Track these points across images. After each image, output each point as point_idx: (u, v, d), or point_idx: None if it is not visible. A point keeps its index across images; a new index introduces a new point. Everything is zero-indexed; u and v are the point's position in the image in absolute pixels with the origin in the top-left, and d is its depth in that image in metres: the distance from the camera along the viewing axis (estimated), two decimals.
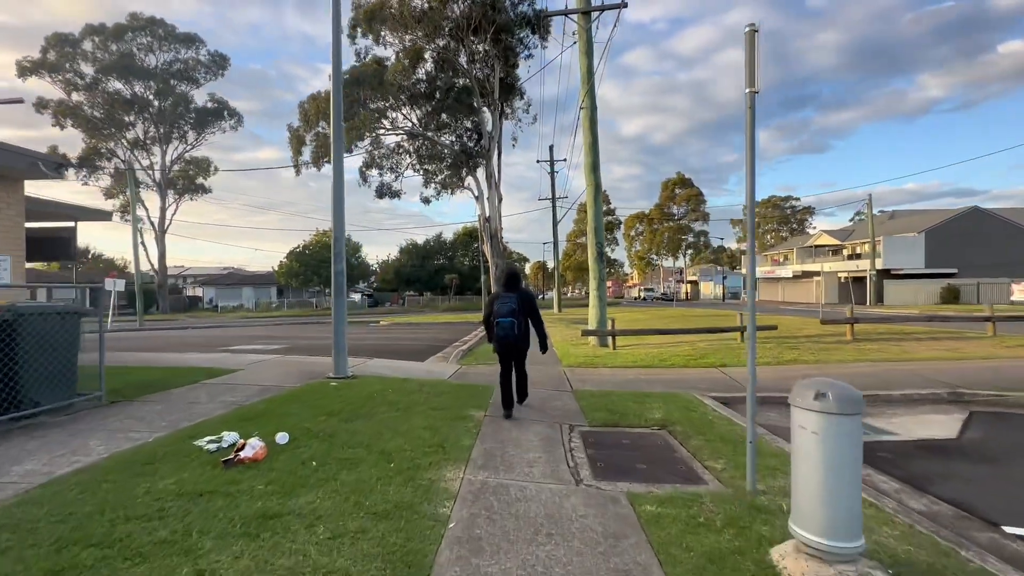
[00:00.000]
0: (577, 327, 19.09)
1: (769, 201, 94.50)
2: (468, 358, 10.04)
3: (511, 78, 32.18)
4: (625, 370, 8.61)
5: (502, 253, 31.76)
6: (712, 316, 20.59)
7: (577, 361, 9.56)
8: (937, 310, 27.33)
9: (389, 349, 11.83)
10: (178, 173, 40.10)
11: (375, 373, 7.59)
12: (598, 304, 12.26)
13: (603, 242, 12.56)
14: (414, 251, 56.99)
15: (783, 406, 6.22)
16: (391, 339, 15.03)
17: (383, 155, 32.88)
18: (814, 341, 11.23)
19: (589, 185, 12.55)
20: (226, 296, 50.64)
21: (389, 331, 18.83)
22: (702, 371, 8.32)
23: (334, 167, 6.92)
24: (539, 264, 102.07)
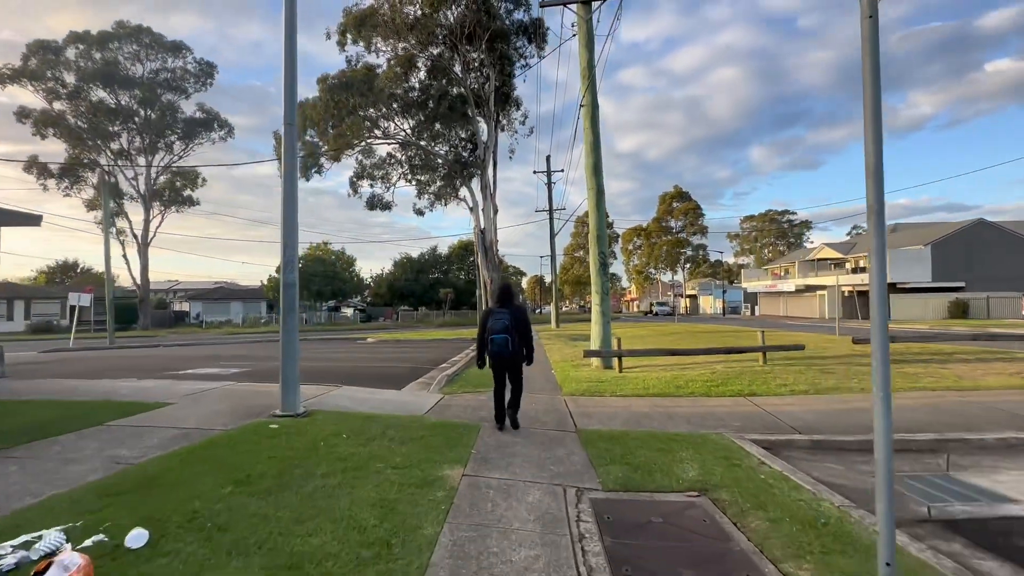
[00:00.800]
0: (577, 344, 17.77)
1: (766, 215, 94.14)
2: (455, 384, 8.71)
3: (507, 87, 31.35)
4: (637, 400, 7.30)
5: (498, 266, 30.55)
6: (723, 333, 19.32)
7: (580, 388, 8.25)
8: (978, 326, 26.14)
9: (366, 373, 10.48)
10: (164, 184, 38.93)
11: (336, 407, 6.25)
12: (602, 321, 10.99)
13: (607, 252, 11.35)
14: (408, 265, 55.75)
15: (842, 453, 4.93)
16: (373, 359, 13.68)
17: (374, 165, 31.86)
18: (845, 362, 9.96)
19: (590, 189, 11.38)
20: (214, 311, 49.08)
21: (375, 349, 17.47)
22: (728, 402, 7.02)
23: (285, 156, 5.68)
24: (536, 278, 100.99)
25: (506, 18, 28.18)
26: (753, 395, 7.37)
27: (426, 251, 58.02)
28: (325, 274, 45.02)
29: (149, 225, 37.80)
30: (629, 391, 7.92)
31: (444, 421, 5.72)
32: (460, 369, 10.53)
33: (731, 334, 18.80)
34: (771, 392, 7.48)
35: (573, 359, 12.58)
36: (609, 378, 9.20)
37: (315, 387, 7.75)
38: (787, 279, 54.72)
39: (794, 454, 4.92)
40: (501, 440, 5.01)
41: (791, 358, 10.66)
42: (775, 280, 57.53)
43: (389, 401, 6.90)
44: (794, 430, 5.46)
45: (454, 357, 13.39)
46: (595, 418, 6.17)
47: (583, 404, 7.07)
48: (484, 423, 5.77)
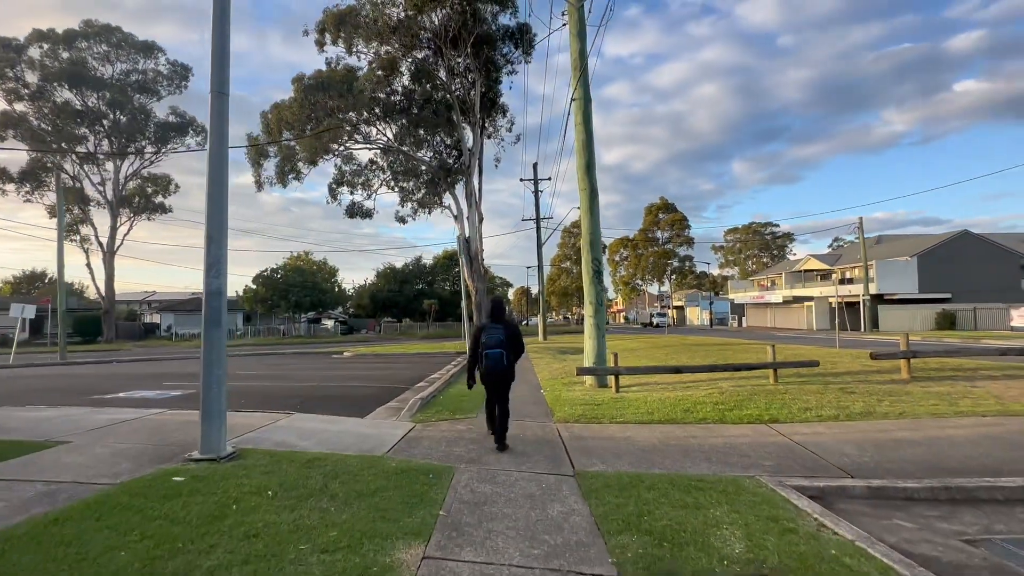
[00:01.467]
0: (566, 358, 16.70)
1: (750, 227, 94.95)
2: (430, 409, 7.55)
3: (493, 93, 30.59)
4: (641, 428, 6.23)
5: (483, 277, 29.46)
6: (718, 346, 18.42)
7: (574, 412, 7.16)
8: (970, 338, 25.74)
9: (331, 394, 9.24)
10: (133, 190, 37.18)
11: (277, 445, 5.06)
12: (596, 334, 9.95)
13: (601, 258, 10.35)
14: (391, 275, 54.32)
15: (910, 505, 3.91)
16: (343, 377, 12.42)
17: (354, 171, 30.68)
18: (863, 380, 9.05)
19: (583, 190, 10.41)
20: (187, 323, 46.95)
21: (348, 365, 16.16)
22: (748, 430, 5.99)
23: (212, 130, 4.55)
24: (522, 289, 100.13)
25: (492, 22, 27.46)
26: (775, 421, 6.36)
27: (410, 261, 56.74)
28: (304, 284, 43.40)
29: (116, 233, 35.94)
30: (631, 416, 6.85)
31: (409, 463, 4.57)
32: (439, 389, 9.36)
33: (727, 347, 17.91)
34: (794, 418, 6.48)
35: (563, 376, 11.50)
36: (605, 399, 8.13)
37: (261, 415, 6.54)
38: (774, 290, 54.59)
39: (852, 507, 3.89)
40: (479, 494, 3.88)
41: (801, 374, 9.72)
42: (762, 291, 57.40)
43: (347, 433, 5.71)
44: (842, 472, 4.44)
45: (433, 374, 12.21)
46: (596, 454, 5.09)
47: (580, 434, 5.97)
48: (460, 464, 4.64)
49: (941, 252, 39.07)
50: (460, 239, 29.28)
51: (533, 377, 11.96)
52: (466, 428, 6.21)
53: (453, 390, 9.41)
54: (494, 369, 5.08)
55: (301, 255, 59.48)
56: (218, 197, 4.52)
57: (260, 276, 43.35)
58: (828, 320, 45.45)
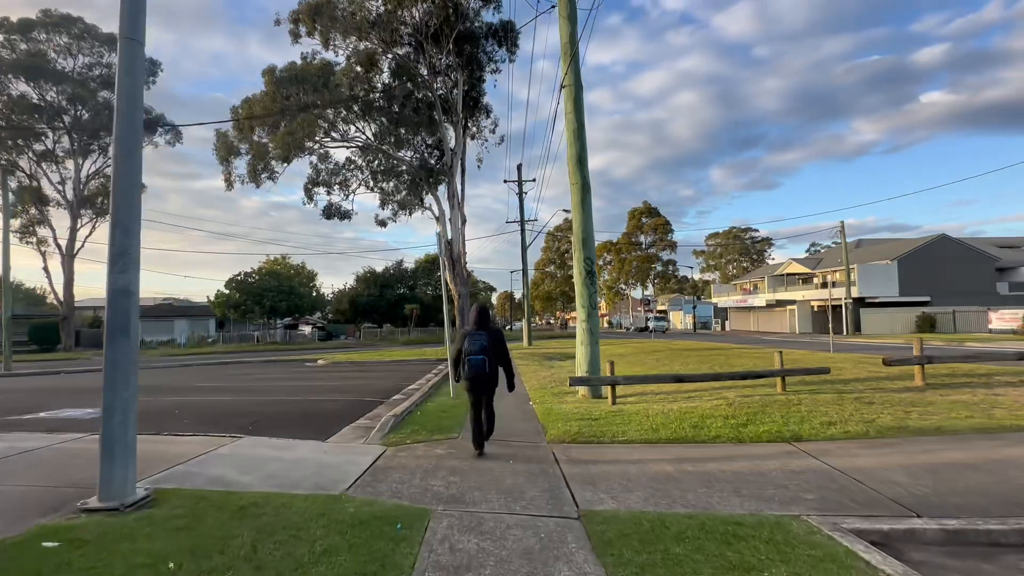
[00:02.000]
0: (553, 365, 15.86)
1: (730, 232, 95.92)
2: (405, 427, 6.60)
3: (476, 92, 29.81)
4: (649, 449, 5.41)
5: (466, 280, 28.54)
6: (709, 351, 17.80)
7: (569, 429, 6.30)
8: (954, 340, 25.68)
9: (293, 410, 8.21)
10: (96, 190, 35.26)
11: (211, 481, 4.09)
12: (588, 340, 9.13)
13: (594, 258, 9.55)
14: (372, 280, 52.85)
15: (997, 554, 3.15)
16: (311, 389, 11.36)
17: (331, 171, 29.49)
18: (877, 387, 8.41)
19: (574, 184, 9.62)
20: (155, 330, 44.79)
21: (320, 374, 15.05)
22: (772, 450, 5.22)
23: (120, 85, 3.60)
24: (506, 294, 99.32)
25: (475, 18, 26.71)
26: (798, 439, 5.60)
27: (391, 265, 55.40)
28: (280, 289, 41.77)
29: (76, 235, 33.98)
30: (634, 434, 6.02)
31: (373, 507, 3.64)
32: (417, 403, 8.41)
33: (718, 352, 17.32)
34: (819, 434, 5.73)
35: (553, 385, 10.66)
36: (603, 413, 7.30)
37: (203, 440, 5.52)
38: (757, 294, 54.83)
39: (929, 557, 3.10)
40: (461, 552, 2.98)
41: (806, 381, 9.05)
42: (745, 295, 57.64)
43: (302, 463, 4.74)
44: (902, 507, 3.66)
45: (412, 384, 11.23)
46: (601, 484, 4.23)
47: (579, 457, 5.12)
48: (438, 505, 3.74)
49: (920, 256, 39.53)
50: (442, 241, 28.36)
51: (520, 387, 11.08)
52: (446, 452, 5.30)
53: (432, 404, 8.47)
54: (476, 377, 5.01)
55: (278, 259, 57.72)
56: (128, 173, 3.57)
57: (233, 280, 41.58)
58: (810, 323, 45.66)
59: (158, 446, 5.12)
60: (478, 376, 5.00)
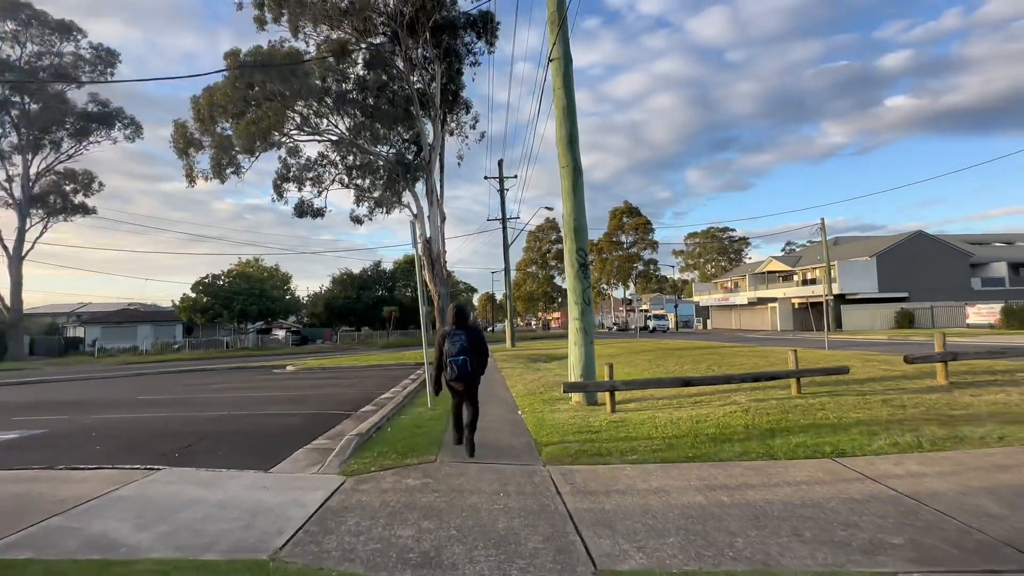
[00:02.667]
0: (539, 367, 14.90)
1: (708, 232, 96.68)
2: (372, 448, 5.51)
3: (455, 84, 28.76)
4: (667, 471, 4.46)
5: (446, 280, 27.36)
6: (700, 350, 17.08)
7: (568, 446, 5.33)
8: (964, 336, 25.59)
9: (239, 429, 7.02)
10: (48, 188, 32.96)
11: (85, 544, 2.98)
12: (583, 340, 8.18)
13: (587, 249, 8.62)
14: (349, 281, 51.11)
15: None
16: (269, 401, 10.15)
17: (303, 166, 28.03)
18: (898, 388, 7.68)
19: (564, 167, 8.67)
20: (116, 336, 42.31)
21: (285, 383, 13.77)
22: (814, 470, 4.33)
23: None
24: (487, 295, 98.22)
25: (451, 6, 25.66)
26: (841, 454, 4.73)
27: (369, 266, 53.73)
28: (251, 292, 39.83)
29: (24, 236, 31.65)
30: (645, 450, 5.09)
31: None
32: (389, 415, 7.32)
33: (710, 351, 16.63)
34: (863, 447, 4.88)
35: (542, 390, 9.68)
36: (603, 423, 6.35)
37: (108, 473, 4.37)
38: (738, 292, 54.98)
39: None
40: None
41: (822, 383, 8.27)
42: (726, 293, 57.78)
43: (227, 508, 3.63)
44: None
45: (385, 393, 10.11)
46: (621, 528, 3.25)
47: (586, 485, 4.13)
48: (406, 570, 2.70)
49: (898, 252, 39.93)
50: (421, 240, 27.15)
51: (506, 392, 10.08)
52: (419, 482, 4.25)
53: (407, 417, 7.39)
54: (459, 377, 5.00)
55: (250, 261, 55.51)
56: None
57: (200, 283, 39.49)
58: (792, 321, 45.84)
59: (39, 486, 3.96)
60: (460, 377, 4.99)
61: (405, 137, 28.38)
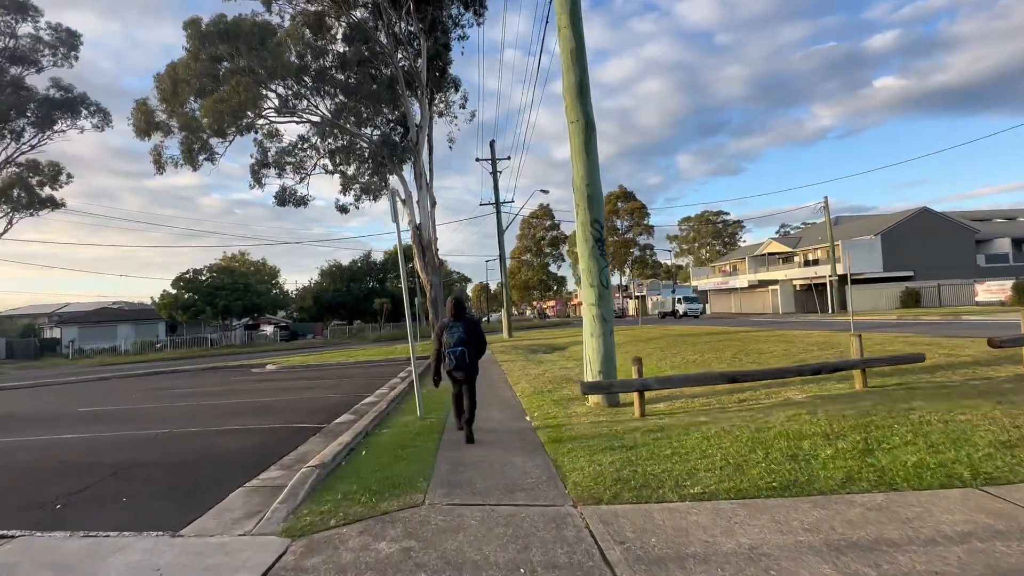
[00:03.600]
0: (541, 359, 13.56)
1: (702, 216, 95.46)
2: (337, 485, 4.11)
3: (442, 60, 27.05)
4: (752, 512, 3.12)
5: (438, 269, 25.85)
6: (716, 336, 15.76)
7: (600, 472, 3.99)
8: (977, 314, 24.49)
9: (169, 456, 5.57)
10: (10, 180, 30.93)
11: None
12: (601, 330, 6.82)
13: (603, 221, 7.21)
14: (338, 273, 49.42)
15: None
16: (228, 410, 8.71)
17: (283, 151, 26.29)
18: (982, 377, 6.42)
19: (574, 122, 7.23)
20: (95, 337, 40.55)
21: (257, 386, 12.32)
22: (960, 506, 3.01)
23: None
24: (481, 285, 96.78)
25: None
26: (988, 480, 3.41)
27: (359, 257, 51.98)
28: (234, 287, 38.09)
29: None
30: (708, 477, 3.75)
31: None
32: (370, 428, 5.93)
33: (725, 337, 15.32)
34: (1010, 469, 3.55)
35: (549, 387, 8.34)
36: (636, 433, 5.01)
37: None
38: (737, 275, 53.90)
39: None
40: None
41: (887, 373, 6.98)
42: (725, 277, 56.71)
43: None
44: None
45: (368, 396, 8.71)
46: None
47: (641, 545, 2.77)
48: None
49: (902, 230, 38.87)
50: (411, 227, 25.57)
51: (508, 391, 8.72)
52: (398, 549, 2.86)
53: (390, 431, 6.00)
54: (457, 368, 5.18)
55: (236, 255, 53.60)
56: None
57: (181, 279, 37.66)
58: (793, 303, 44.84)
59: None
60: (459, 367, 5.15)
61: (390, 118, 26.65)
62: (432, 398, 7.99)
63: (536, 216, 72.93)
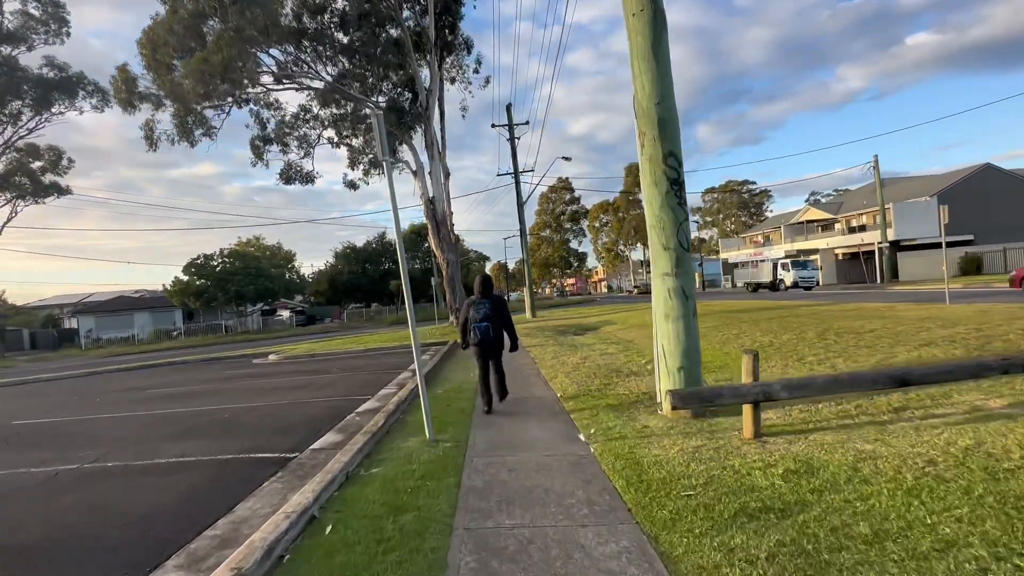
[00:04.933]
0: (575, 343, 11.50)
1: (727, 187, 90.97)
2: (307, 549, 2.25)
3: (451, 16, 24.56)
4: None
5: (454, 246, 23.86)
6: (773, 311, 13.47)
7: None
8: None
9: (28, 530, 3.79)
10: (10, 167, 29.87)
11: None
12: (682, 310, 4.80)
13: (680, 154, 5.08)
14: (352, 256, 47.92)
15: None
16: (187, 425, 6.96)
17: (284, 123, 24.41)
18: None
19: (637, 13, 5.08)
20: (112, 326, 40.10)
21: (249, 383, 10.65)
22: None
23: None
24: (499, 265, 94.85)
25: None
26: None
27: (373, 238, 50.30)
28: (247, 272, 36.89)
29: None
30: None
31: None
32: (352, 466, 4.07)
33: (787, 313, 13.05)
34: None
35: (597, 383, 6.38)
36: (766, 473, 3.01)
37: None
38: (771, 246, 50.67)
39: None
40: None
41: None
42: (758, 248, 53.49)
43: None
44: None
45: (368, 401, 6.86)
46: None
47: None
48: None
49: (962, 189, 35.28)
50: (423, 200, 23.57)
51: (543, 389, 6.76)
52: None
53: (383, 470, 4.08)
54: (483, 342, 5.43)
55: (251, 240, 52.64)
56: None
57: (192, 265, 36.58)
58: (835, 274, 41.71)
59: None
60: (484, 341, 5.42)
61: (395, 80, 24.43)
62: (446, 405, 6.12)
63: (555, 190, 70.12)
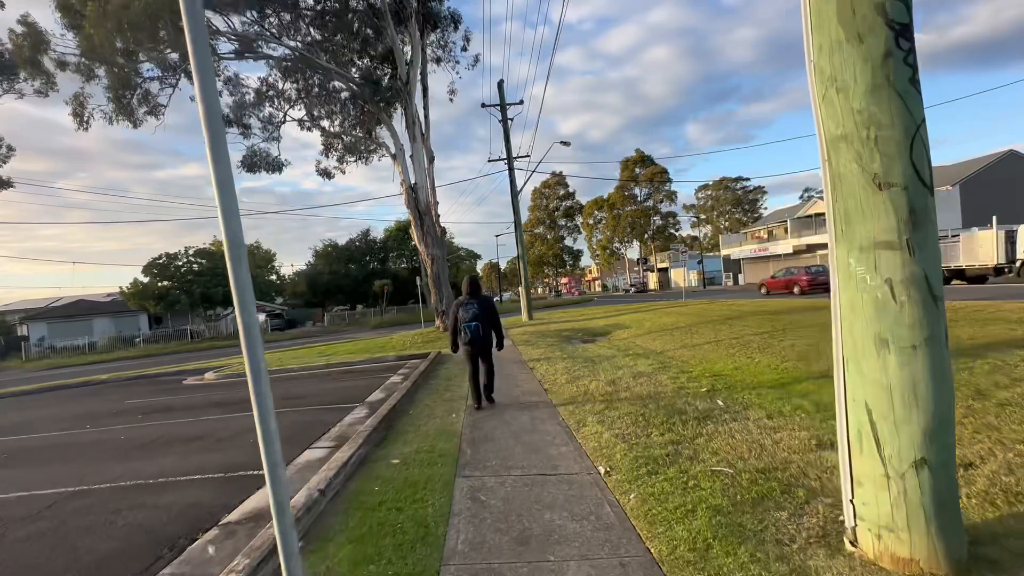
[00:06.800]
0: (587, 354, 8.54)
1: (721, 183, 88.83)
2: None
3: None
4: None
5: (439, 239, 20.96)
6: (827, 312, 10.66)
7: None
8: None
9: None
10: None
11: None
12: (921, 323, 1.96)
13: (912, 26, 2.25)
14: (334, 254, 44.77)
15: None
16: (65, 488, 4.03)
17: (246, 103, 21.40)
18: None
19: None
20: (68, 333, 36.63)
21: (151, 420, 7.73)
22: None
23: None
24: (491, 264, 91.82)
25: None
26: None
27: (357, 236, 47.17)
28: (215, 272, 33.64)
29: None
30: None
31: None
32: None
33: (805, 314, 10.31)
34: None
35: (669, 446, 3.53)
36: None
37: None
38: (776, 241, 48.39)
39: None
40: None
41: None
42: (762, 243, 51.21)
43: None
44: None
45: (330, 432, 3.98)
46: None
47: None
48: None
49: (986, 177, 33.09)
50: (404, 188, 20.63)
51: (567, 444, 3.86)
52: None
53: None
54: (472, 341, 5.66)
55: None
56: None
57: (154, 265, 33.23)
58: None
59: None
60: (475, 340, 5.66)
61: (373, 53, 21.53)
62: (395, 509, 3.26)
63: (548, 185, 67.37)
